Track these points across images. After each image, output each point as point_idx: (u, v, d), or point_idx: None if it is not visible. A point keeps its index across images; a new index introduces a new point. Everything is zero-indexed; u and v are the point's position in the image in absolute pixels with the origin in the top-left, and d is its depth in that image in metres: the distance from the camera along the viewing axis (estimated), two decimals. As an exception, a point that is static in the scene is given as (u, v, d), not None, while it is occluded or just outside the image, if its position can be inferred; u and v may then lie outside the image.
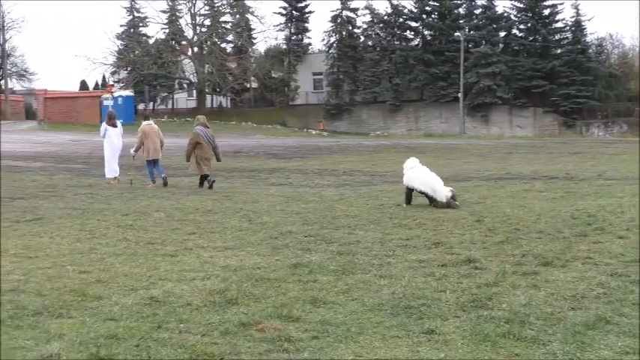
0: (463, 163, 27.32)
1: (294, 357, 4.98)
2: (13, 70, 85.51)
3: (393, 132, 65.70)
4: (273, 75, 74.29)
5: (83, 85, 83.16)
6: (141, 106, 74.06)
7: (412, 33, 72.44)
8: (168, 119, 69.12)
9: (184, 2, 74.63)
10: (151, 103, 77.71)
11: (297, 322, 5.76)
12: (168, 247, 9.21)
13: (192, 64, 74.00)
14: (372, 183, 19.51)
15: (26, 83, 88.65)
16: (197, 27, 74.92)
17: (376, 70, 68.94)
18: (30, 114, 76.49)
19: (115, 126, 20.15)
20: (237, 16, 75.51)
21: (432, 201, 13.43)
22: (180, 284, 7.05)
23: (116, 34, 75.75)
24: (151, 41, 76.71)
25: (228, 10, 76.59)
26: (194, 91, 77.32)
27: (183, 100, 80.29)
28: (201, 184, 18.21)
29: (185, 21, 75.83)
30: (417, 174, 13.82)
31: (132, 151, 19.39)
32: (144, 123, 19.82)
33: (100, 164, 21.39)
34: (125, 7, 76.72)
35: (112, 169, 19.59)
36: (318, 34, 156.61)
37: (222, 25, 77.04)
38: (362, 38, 73.89)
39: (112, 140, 19.77)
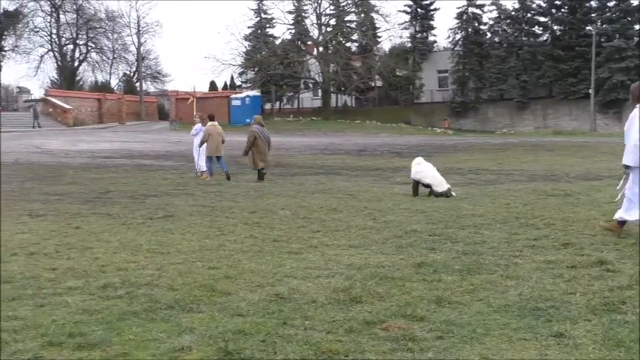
0: (594, 162, 26.44)
1: (418, 357, 4.93)
2: (147, 72, 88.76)
3: (520, 130, 64.36)
4: (397, 73, 74.08)
5: (212, 86, 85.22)
6: (267, 106, 75.37)
7: (541, 28, 70.74)
8: (294, 118, 70.09)
9: (310, 2, 75.47)
10: (277, 102, 78.91)
11: (421, 322, 5.71)
12: (293, 245, 9.32)
13: (317, 63, 74.68)
14: (498, 182, 19.15)
15: (159, 85, 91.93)
16: (322, 27, 75.58)
17: (503, 66, 67.73)
18: (163, 114, 79.14)
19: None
20: (362, 15, 75.69)
21: (432, 191, 15.36)
22: (305, 281, 7.11)
23: (244, 36, 77.45)
24: (278, 42, 77.94)
25: (353, 10, 76.91)
26: (319, 91, 78.03)
27: (309, 99, 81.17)
28: (259, 178, 19.86)
29: (311, 21, 76.76)
30: (425, 169, 15.71)
31: (199, 147, 21.26)
32: (209, 123, 21.29)
33: (229, 163, 22.02)
34: (252, 9, 78.26)
35: (199, 165, 21.35)
36: (444, 31, 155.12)
37: (347, 25, 77.40)
38: (488, 35, 72.77)
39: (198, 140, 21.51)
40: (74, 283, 7.10)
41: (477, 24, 72.68)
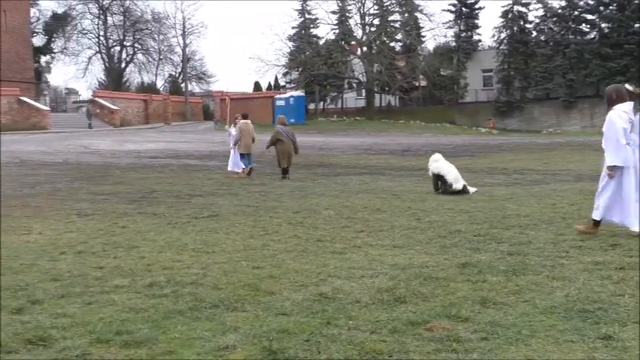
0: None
1: (462, 357, 4.91)
2: (192, 73, 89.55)
3: (567, 129, 63.51)
4: (442, 73, 73.66)
5: (257, 86, 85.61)
6: (311, 106, 75.48)
7: (588, 26, 69.66)
8: (338, 118, 70.08)
9: (354, 2, 75.36)
10: (321, 102, 78.99)
11: (466, 323, 5.68)
12: (337, 245, 9.33)
13: (361, 63, 74.58)
14: (544, 182, 18.95)
15: (204, 85, 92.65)
16: (366, 26, 75.46)
17: (549, 65, 66.93)
18: (208, 115, 79.67)
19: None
20: (406, 14, 75.42)
21: (447, 187, 15.85)
22: (349, 281, 7.12)
23: (288, 36, 77.57)
24: (322, 42, 77.98)
25: (397, 9, 76.67)
26: (363, 91, 77.94)
27: (352, 99, 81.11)
28: (284, 175, 20.64)
29: (354, 21, 76.61)
30: (442, 165, 16.38)
31: (231, 144, 22.23)
32: (242, 121, 22.18)
33: (272, 163, 22.15)
34: (296, 9, 78.41)
35: (235, 163, 22.03)
36: (488, 30, 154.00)
37: (391, 24, 77.19)
38: (534, 33, 71.93)
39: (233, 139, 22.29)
40: (121, 282, 7.20)
41: (522, 22, 71.90)
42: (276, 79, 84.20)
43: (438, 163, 16.47)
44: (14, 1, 64.98)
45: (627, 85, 10.02)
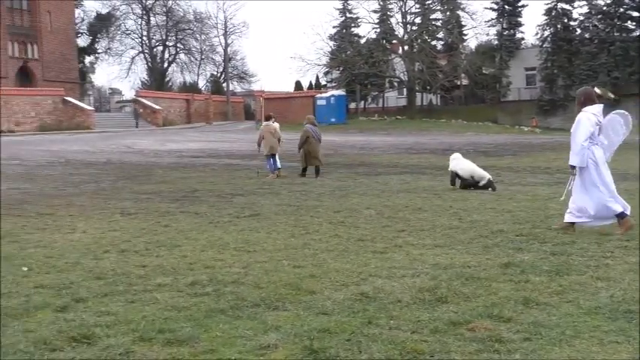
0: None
1: (505, 358, 4.87)
2: (234, 72, 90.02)
3: (612, 128, 62.56)
4: (484, 71, 73.16)
5: (298, 86, 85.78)
6: (352, 105, 75.45)
7: (634, 23, 68.70)
8: (379, 118, 69.99)
9: (395, 1, 75.19)
10: (362, 101, 78.90)
11: (508, 323, 5.63)
12: (378, 244, 9.31)
13: (402, 62, 74.37)
14: (588, 181, 18.66)
15: (246, 85, 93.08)
16: (408, 25, 75.23)
17: (593, 63, 66.12)
18: (249, 114, 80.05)
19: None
20: (448, 13, 75.03)
21: (468, 184, 16.81)
22: (390, 281, 7.10)
23: (329, 35, 77.64)
24: (363, 41, 77.92)
25: (438, 8, 76.30)
26: (404, 90, 77.72)
27: (394, 98, 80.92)
28: (304, 174, 21.19)
29: (396, 20, 76.45)
30: (461, 163, 17.30)
31: (256, 146, 22.50)
32: (264, 124, 22.61)
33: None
34: (338, 9, 78.44)
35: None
36: (531, 28, 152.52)
37: (433, 23, 76.85)
38: (578, 31, 71.12)
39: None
40: (163, 280, 7.26)
41: (566, 20, 71.12)
42: (317, 78, 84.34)
43: (455, 162, 17.33)
44: (59, 3, 65.92)
45: (596, 89, 10.50)
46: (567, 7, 71.13)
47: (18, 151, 32.40)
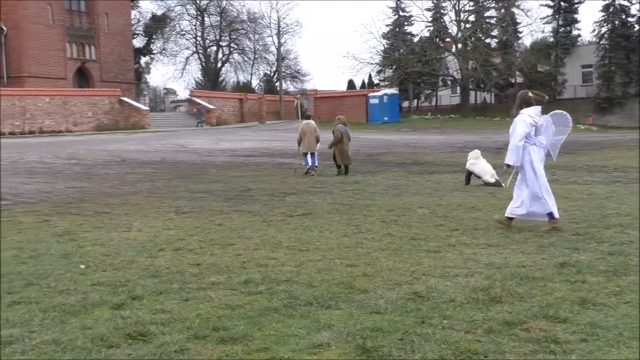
0: None
1: (561, 359, 4.80)
2: (287, 72, 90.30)
3: (672, 125, 61.36)
4: (539, 69, 72.26)
5: (350, 85, 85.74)
6: (405, 104, 75.17)
7: (693, 19, 67.29)
8: (432, 116, 69.60)
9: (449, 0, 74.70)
10: (415, 100, 78.56)
11: (564, 324, 5.55)
12: (431, 243, 9.26)
13: (455, 60, 73.85)
14: (646, 180, 18.35)
15: (299, 84, 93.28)
16: (461, 23, 74.68)
17: (652, 59, 64.87)
18: (302, 113, 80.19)
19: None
20: (502, 10, 74.28)
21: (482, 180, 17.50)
22: (444, 280, 7.05)
23: (382, 34, 77.48)
24: (416, 39, 77.59)
25: (493, 5, 75.58)
26: (458, 88, 77.18)
27: (447, 96, 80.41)
28: (339, 172, 21.69)
29: (449, 18, 75.96)
30: (478, 162, 17.97)
31: (297, 144, 22.95)
32: (303, 122, 23.08)
33: (366, 162, 22.16)
34: (391, 7, 78.24)
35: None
36: (588, 25, 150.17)
37: (487, 21, 76.17)
38: (636, 27, 69.78)
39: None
40: (217, 279, 7.32)
41: (624, 16, 69.88)
42: (370, 77, 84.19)
43: (471, 161, 18.07)
44: (117, 4, 66.87)
45: (530, 93, 10.96)
46: (625, 3, 69.87)
47: (76, 150, 32.97)
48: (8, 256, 8.71)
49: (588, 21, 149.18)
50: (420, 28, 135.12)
